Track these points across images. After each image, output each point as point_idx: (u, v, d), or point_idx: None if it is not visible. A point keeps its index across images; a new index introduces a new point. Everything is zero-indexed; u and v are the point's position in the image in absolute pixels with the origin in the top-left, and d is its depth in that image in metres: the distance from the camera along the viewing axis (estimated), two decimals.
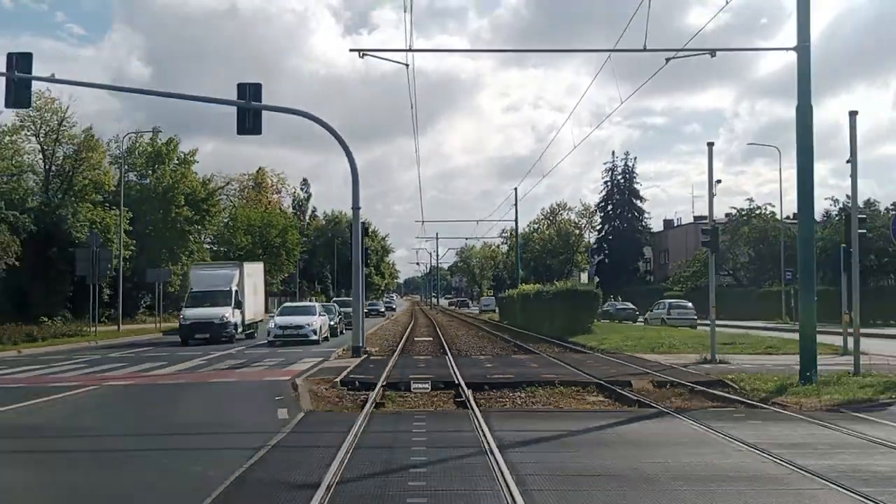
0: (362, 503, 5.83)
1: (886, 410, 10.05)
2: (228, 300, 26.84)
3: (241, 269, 29.17)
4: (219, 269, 30.92)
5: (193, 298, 27.48)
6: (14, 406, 11.08)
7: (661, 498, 5.91)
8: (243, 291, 28.41)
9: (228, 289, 27.36)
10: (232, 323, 26.27)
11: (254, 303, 30.33)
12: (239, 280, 28.39)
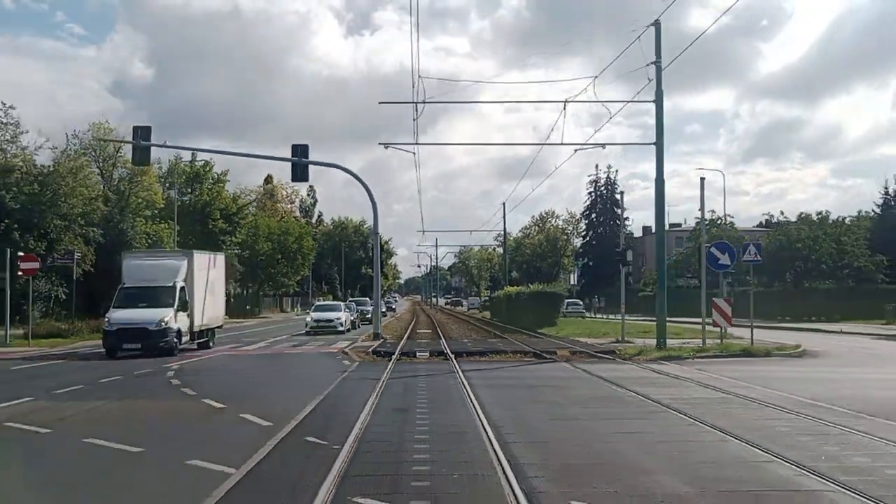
0: (398, 385, 14.08)
1: (685, 363, 18.32)
2: (170, 299, 21.59)
3: (189, 261, 23.36)
4: (160, 258, 24.72)
5: (125, 296, 22.02)
6: (180, 362, 19.32)
7: (530, 390, 14.07)
8: (192, 289, 22.88)
9: (171, 284, 21.96)
10: (173, 329, 21.04)
11: (209, 304, 24.63)
12: (187, 274, 22.85)
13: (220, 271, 27.64)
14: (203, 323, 24.08)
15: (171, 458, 7.70)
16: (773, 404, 11.14)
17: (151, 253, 30.54)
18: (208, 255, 27.24)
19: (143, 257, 25.52)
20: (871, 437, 8.54)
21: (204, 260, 25.47)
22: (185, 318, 22.47)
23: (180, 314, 21.89)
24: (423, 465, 7.20)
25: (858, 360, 19.89)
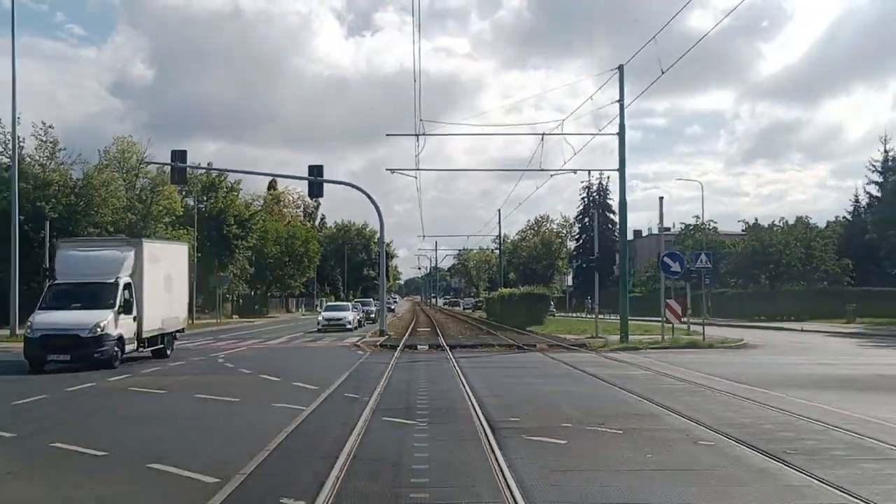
0: (404, 367, 18.31)
1: (638, 353, 22.56)
2: (111, 299, 18.29)
3: (138, 252, 19.80)
4: (100, 248, 20.71)
5: (54, 295, 18.74)
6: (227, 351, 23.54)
7: (505, 370, 18.32)
8: (141, 286, 19.47)
9: (112, 281, 18.64)
10: (112, 336, 17.85)
11: (165, 304, 21.10)
12: (134, 267, 19.44)
13: (181, 265, 23.62)
14: (157, 327, 20.41)
15: (262, 403, 12.01)
16: (681, 378, 15.40)
17: (90, 241, 25.07)
18: (163, 245, 24.08)
19: (80, 246, 20.85)
20: (731, 396, 12.76)
21: (158, 250, 21.69)
22: (131, 321, 18.89)
23: (124, 317, 18.43)
24: (423, 405, 11.48)
25: (786, 350, 24.10)
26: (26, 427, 9.88)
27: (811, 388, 13.57)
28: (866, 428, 9.40)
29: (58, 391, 13.63)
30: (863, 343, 28.43)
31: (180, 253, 24.56)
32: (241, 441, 8.75)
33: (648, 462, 7.68)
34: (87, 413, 11.54)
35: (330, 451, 7.99)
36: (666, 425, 9.87)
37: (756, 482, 6.91)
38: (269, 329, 42.45)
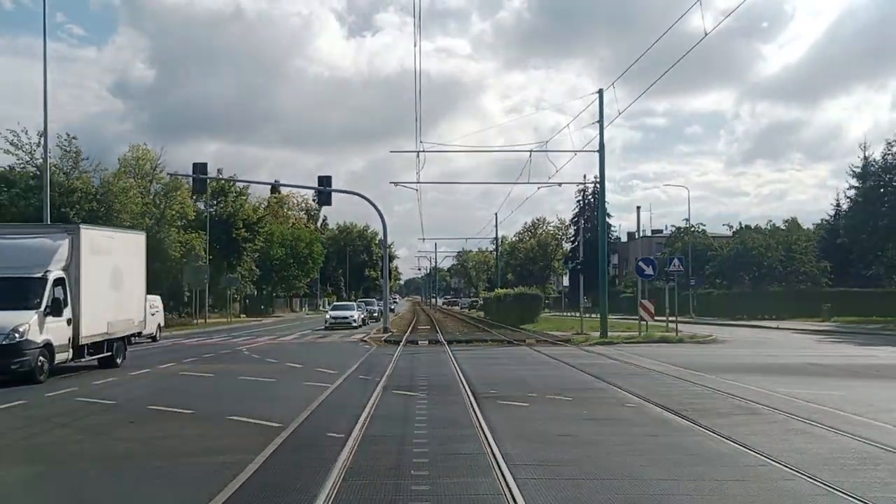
0: (407, 357, 21.45)
1: (613, 346, 25.70)
2: (35, 298, 15.67)
3: (74, 240, 17.01)
4: (25, 235, 17.85)
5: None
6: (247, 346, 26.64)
7: (493, 360, 21.42)
8: (79, 281, 16.81)
9: (40, 275, 16.05)
10: (36, 343, 15.27)
11: (113, 304, 18.24)
12: (69, 259, 16.79)
13: (136, 257, 20.20)
14: (102, 331, 17.58)
15: (295, 382, 15.17)
16: (639, 365, 18.54)
17: (16, 228, 21.89)
18: (111, 234, 19.83)
19: (3, 233, 18.01)
20: (673, 378, 15.87)
21: (103, 239, 18.47)
22: (63, 325, 16.24)
23: (53, 319, 15.82)
24: (422, 384, 14.64)
25: (747, 345, 27.15)
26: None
27: (744, 372, 16.68)
28: (758, 397, 12.54)
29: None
30: (823, 339, 31.52)
31: (135, 243, 20.64)
32: (287, 405, 11.86)
33: (583, 415, 10.85)
34: (167, 387, 14.68)
35: (355, 410, 11.11)
36: (608, 395, 13.04)
37: (651, 425, 10.08)
38: (278, 327, 45.55)
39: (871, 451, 8.37)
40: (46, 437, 9.76)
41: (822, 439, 9.10)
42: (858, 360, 20.95)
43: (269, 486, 6.97)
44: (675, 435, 9.48)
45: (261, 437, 9.08)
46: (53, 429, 10.25)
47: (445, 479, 7.10)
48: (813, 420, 10.28)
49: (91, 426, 10.40)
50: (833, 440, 9.03)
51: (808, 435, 9.36)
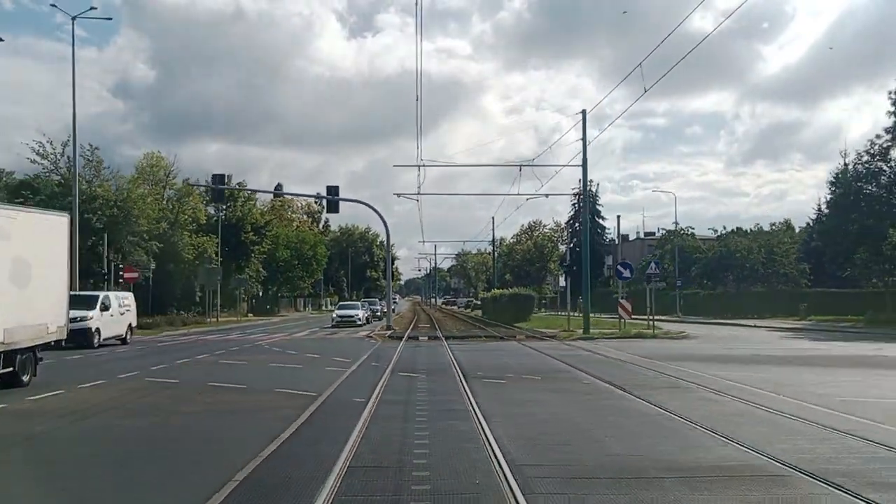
0: (409, 349, 24.78)
1: (592, 341, 29.03)
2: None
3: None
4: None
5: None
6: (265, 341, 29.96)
7: (485, 352, 24.78)
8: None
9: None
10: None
11: (10, 306, 14.14)
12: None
13: (53, 245, 16.24)
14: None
15: (318, 367, 18.53)
16: (607, 356, 21.86)
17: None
18: (11, 213, 15.13)
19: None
20: (631, 364, 19.20)
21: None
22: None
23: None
24: (423, 368, 18.01)
25: (714, 340, 30.42)
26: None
27: (693, 361, 20.00)
28: (691, 377, 15.88)
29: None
30: (788, 336, 34.82)
31: (52, 228, 16.33)
32: (317, 382, 15.17)
33: (547, 389, 14.20)
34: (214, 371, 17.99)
35: (370, 385, 14.43)
36: (570, 376, 16.41)
37: (595, 393, 13.46)
38: (286, 325, 48.87)
39: (751, 410, 11.66)
40: (145, 401, 13.04)
41: (719, 403, 12.44)
42: (804, 352, 24.30)
43: (317, 426, 10.29)
44: (611, 399, 12.83)
45: (304, 401, 12.42)
46: (145, 397, 13.57)
47: (439, 423, 10.41)
48: (723, 392, 13.60)
49: (172, 396, 13.69)
50: (727, 404, 12.35)
51: (711, 401, 12.69)
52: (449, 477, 7.27)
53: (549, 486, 6.91)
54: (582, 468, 7.72)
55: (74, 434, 10.14)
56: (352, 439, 8.98)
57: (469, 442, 9.04)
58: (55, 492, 7.07)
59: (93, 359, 21.98)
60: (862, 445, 8.75)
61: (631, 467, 7.73)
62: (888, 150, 44.56)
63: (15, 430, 10.35)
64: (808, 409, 11.42)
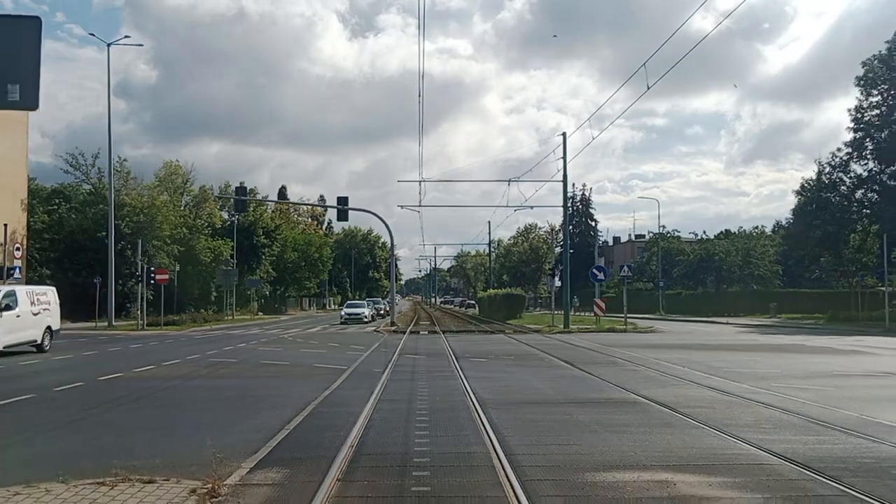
0: (411, 340, 29.92)
1: (569, 334, 34.15)
2: None
3: None
4: None
5: None
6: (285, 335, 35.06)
7: (475, 343, 29.94)
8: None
9: None
10: None
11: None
12: None
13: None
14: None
15: (340, 352, 23.69)
16: (574, 344, 26.98)
17: None
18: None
19: None
20: (588, 350, 24.32)
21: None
22: None
23: None
24: (423, 352, 23.18)
25: (678, 334, 35.46)
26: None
27: (641, 348, 25.09)
28: (632, 358, 21.00)
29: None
30: (746, 331, 39.91)
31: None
32: (344, 360, 20.28)
33: (516, 365, 19.35)
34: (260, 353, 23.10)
35: (384, 361, 19.56)
36: (537, 357, 21.57)
37: (551, 368, 18.61)
38: (298, 322, 54.01)
39: (652, 375, 16.76)
40: (223, 371, 18.12)
41: (634, 372, 17.55)
42: (741, 342, 29.40)
43: (353, 383, 15.37)
44: (559, 370, 18.00)
45: (338, 371, 17.55)
46: (221, 369, 18.70)
47: (435, 382, 15.53)
48: (644, 366, 18.72)
49: (241, 368, 18.78)
50: (639, 372, 17.46)
51: (629, 371, 17.81)
52: (441, 405, 12.37)
53: (497, 407, 12.00)
54: (519, 401, 12.85)
55: (191, 388, 15.24)
56: (377, 389, 14.08)
57: (454, 390, 14.17)
58: (202, 412, 12.16)
59: (150, 346, 27.10)
60: (707, 391, 13.88)
61: (550, 400, 12.91)
62: (848, 163, 49.70)
63: (151, 385, 15.46)
64: (692, 374, 16.58)
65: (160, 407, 12.61)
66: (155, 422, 11.06)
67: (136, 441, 9.33)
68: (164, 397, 13.77)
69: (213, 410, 12.15)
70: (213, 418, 11.30)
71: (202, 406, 12.64)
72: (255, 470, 7.64)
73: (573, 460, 8.08)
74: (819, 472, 7.45)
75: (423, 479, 7.26)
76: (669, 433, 9.69)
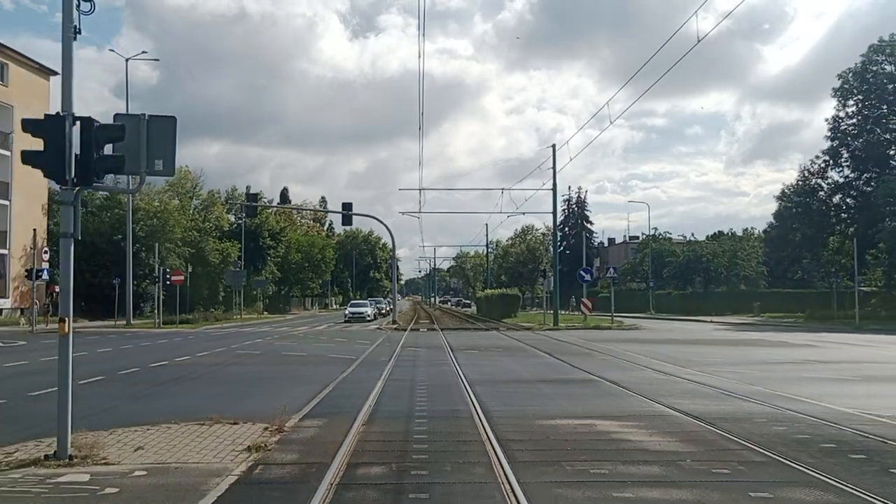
0: (412, 336, 33.18)
1: (557, 331, 37.43)
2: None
3: None
4: None
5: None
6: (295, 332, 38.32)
7: (469, 337, 33.17)
8: None
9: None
10: None
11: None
12: None
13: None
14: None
15: (348, 345, 26.99)
16: (559, 339, 30.24)
17: None
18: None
19: None
20: (570, 344, 27.59)
21: None
22: None
23: None
24: (423, 346, 26.47)
25: (658, 332, 38.63)
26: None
27: (618, 342, 28.33)
28: (604, 351, 24.27)
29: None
30: (724, 329, 43.15)
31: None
32: (353, 352, 23.52)
33: (503, 355, 22.64)
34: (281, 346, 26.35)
35: (388, 353, 22.81)
36: (522, 349, 24.86)
37: (533, 357, 21.93)
38: (304, 321, 57.25)
39: (616, 362, 20.00)
40: (253, 360, 21.34)
41: (601, 360, 20.79)
42: (711, 337, 32.64)
43: (364, 369, 18.61)
44: (539, 359, 21.27)
45: (350, 360, 20.80)
46: (251, 358, 21.94)
47: (433, 368, 18.79)
48: (619, 357, 21.95)
49: (267, 358, 22.02)
50: (606, 360, 20.70)
51: (598, 359, 21.06)
52: (437, 383, 15.61)
53: (481, 384, 15.22)
54: (499, 380, 16.12)
55: (231, 371, 18.47)
56: (385, 372, 17.34)
57: (448, 373, 17.44)
58: (250, 387, 15.38)
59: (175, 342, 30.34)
60: (655, 374, 17.14)
61: (524, 380, 16.19)
62: (825, 170, 52.99)
63: (196, 370, 18.68)
64: (651, 362, 19.87)
65: (214, 384, 15.88)
66: (216, 392, 14.32)
67: (207, 404, 12.54)
68: (213, 377, 17.05)
69: (258, 386, 15.41)
70: (260, 391, 14.56)
71: (247, 383, 15.90)
72: (304, 419, 10.89)
73: (529, 413, 11.35)
74: (701, 419, 10.70)
75: (423, 423, 10.50)
76: (608, 399, 12.97)
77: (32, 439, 9.10)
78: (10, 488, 7.05)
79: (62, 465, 7.83)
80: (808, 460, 8.02)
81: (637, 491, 6.86)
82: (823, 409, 11.65)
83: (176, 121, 8.98)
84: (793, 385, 14.92)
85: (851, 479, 7.16)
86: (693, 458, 8.25)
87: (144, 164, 8.75)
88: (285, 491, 7.04)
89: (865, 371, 18.32)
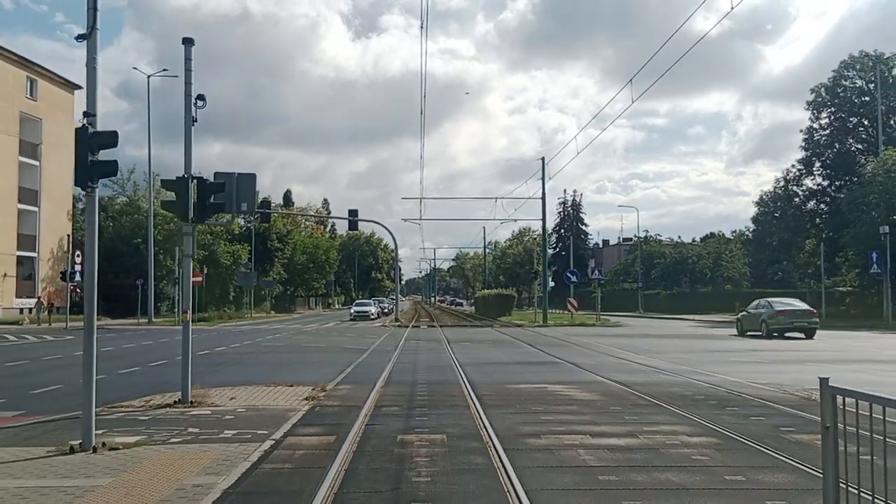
0: (414, 332, 37.50)
1: (545, 328, 41.76)
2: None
3: None
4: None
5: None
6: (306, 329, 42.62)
7: (465, 332, 37.50)
8: None
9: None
10: None
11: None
12: None
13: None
14: None
15: (360, 339, 31.34)
16: (544, 335, 34.54)
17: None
18: None
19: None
20: (552, 338, 31.89)
21: None
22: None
23: None
24: (423, 339, 30.82)
25: (637, 328, 42.88)
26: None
27: (594, 336, 32.60)
28: (579, 342, 28.60)
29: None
30: (700, 326, 47.41)
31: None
32: (363, 344, 27.81)
33: (492, 347, 26.99)
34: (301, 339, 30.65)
35: (394, 345, 27.12)
36: (510, 342, 29.20)
37: (516, 347, 26.30)
38: (311, 319, 61.57)
39: (581, 350, 24.28)
40: (279, 351, 25.65)
41: (570, 348, 25.08)
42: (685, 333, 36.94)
43: (374, 356, 22.89)
44: (521, 349, 25.61)
45: (362, 350, 25.11)
46: (276, 350, 26.27)
47: (431, 355, 23.09)
48: (589, 348, 26.25)
49: (291, 348, 26.33)
50: (574, 349, 25.00)
51: (567, 348, 25.36)
52: (435, 365, 19.90)
53: (470, 365, 19.48)
54: (484, 363, 20.44)
55: (267, 358, 22.77)
56: (392, 358, 21.66)
57: (444, 359, 21.77)
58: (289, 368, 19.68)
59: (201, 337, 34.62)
60: (610, 359, 21.44)
61: (503, 363, 20.55)
62: (800, 178, 57.29)
63: (236, 357, 22.95)
64: (614, 351, 24.20)
65: (256, 366, 20.23)
66: (261, 371, 18.63)
67: (260, 377, 16.85)
68: (253, 362, 21.41)
69: (292, 367, 19.75)
70: (298, 370, 18.88)
71: (283, 365, 20.23)
72: (337, 386, 15.20)
73: (501, 380, 15.69)
74: (624, 384, 15.00)
75: (424, 388, 14.82)
76: (563, 374, 17.32)
77: (154, 394, 13.43)
78: (163, 416, 11.37)
79: (188, 407, 12.15)
80: (676, 403, 12.33)
81: (556, 416, 11.18)
82: (720, 380, 15.92)
83: (255, 177, 13.34)
84: (715, 366, 19.19)
85: (695, 412, 11.45)
86: (602, 402, 12.58)
87: (234, 205, 13.08)
88: (338, 416, 11.36)
89: (785, 357, 22.61)
